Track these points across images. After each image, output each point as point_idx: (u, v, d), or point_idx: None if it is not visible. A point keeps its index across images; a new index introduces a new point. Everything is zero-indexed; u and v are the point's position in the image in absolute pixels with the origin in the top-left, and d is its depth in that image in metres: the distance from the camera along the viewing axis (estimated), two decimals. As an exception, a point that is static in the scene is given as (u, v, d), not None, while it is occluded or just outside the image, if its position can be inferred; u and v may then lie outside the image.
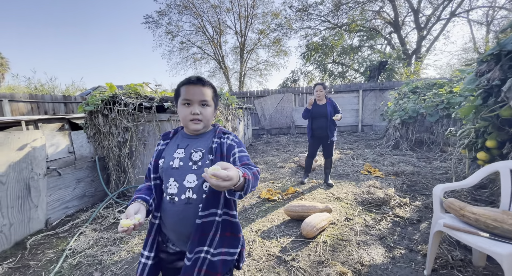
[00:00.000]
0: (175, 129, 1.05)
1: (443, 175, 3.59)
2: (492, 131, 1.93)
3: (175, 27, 17.21)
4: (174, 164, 0.92)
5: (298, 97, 9.58)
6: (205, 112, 0.93)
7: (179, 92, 0.94)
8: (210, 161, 0.92)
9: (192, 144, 0.96)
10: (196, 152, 0.93)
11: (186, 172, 0.90)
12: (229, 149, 0.95)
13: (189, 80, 0.92)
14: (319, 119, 3.19)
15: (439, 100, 5.30)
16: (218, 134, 0.99)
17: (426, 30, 14.60)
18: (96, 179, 3.10)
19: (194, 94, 0.91)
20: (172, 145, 0.98)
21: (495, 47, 1.67)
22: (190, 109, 0.91)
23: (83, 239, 2.20)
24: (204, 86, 0.93)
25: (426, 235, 2.03)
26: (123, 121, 2.97)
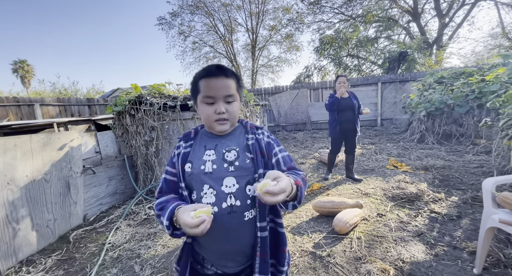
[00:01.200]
0: (195, 129, 0.91)
1: (479, 168, 3.39)
2: (543, 119, 1.78)
3: (188, 28, 17.47)
4: (206, 168, 0.78)
5: (313, 92, 9.41)
6: (232, 109, 0.80)
7: (197, 87, 0.78)
8: (251, 159, 0.82)
9: (221, 143, 0.84)
10: (229, 151, 0.82)
11: (223, 175, 0.78)
12: (269, 147, 0.86)
13: (209, 72, 0.76)
14: (345, 112, 3.10)
15: (469, 90, 5.00)
16: (250, 130, 0.88)
17: (448, 17, 13.80)
18: (125, 176, 3.21)
19: (218, 89, 0.76)
20: (198, 147, 0.84)
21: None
22: (214, 108, 0.77)
23: (120, 233, 2.29)
24: (227, 78, 0.77)
25: (470, 231, 1.91)
26: (149, 121, 3.04)
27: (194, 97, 0.82)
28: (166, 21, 16.88)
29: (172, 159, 0.85)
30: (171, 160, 0.85)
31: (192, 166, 0.80)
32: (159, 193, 0.84)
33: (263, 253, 0.77)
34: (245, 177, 0.80)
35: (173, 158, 0.85)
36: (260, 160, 0.82)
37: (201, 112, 0.81)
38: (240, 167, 0.80)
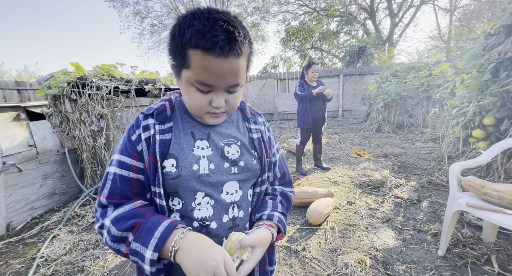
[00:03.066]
0: (170, 101, 0.61)
1: (429, 155, 3.72)
2: (492, 108, 1.93)
3: (145, 8, 15.74)
4: (200, 169, 0.56)
5: (280, 83, 9.41)
6: (234, 101, 0.56)
7: (186, 59, 0.48)
8: (258, 160, 0.63)
9: (215, 131, 0.61)
10: (230, 146, 0.61)
11: (224, 178, 0.58)
12: (269, 144, 0.69)
13: (214, 44, 0.45)
14: (316, 101, 3.05)
15: (419, 83, 5.47)
16: (252, 117, 0.68)
17: (398, 17, 15.02)
18: (67, 174, 2.69)
19: (222, 77, 0.49)
20: (183, 134, 0.58)
21: (507, 17, 1.61)
22: (208, 98, 0.53)
23: (57, 243, 1.88)
24: (240, 57, 0.48)
25: (430, 214, 2.03)
26: (97, 107, 2.56)
27: (178, 67, 0.52)
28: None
29: (132, 144, 0.54)
30: (128, 146, 0.55)
31: (177, 163, 0.54)
32: (108, 199, 0.53)
33: (262, 265, 0.65)
34: (250, 181, 0.64)
35: (134, 142, 0.54)
36: (267, 161, 0.66)
37: (186, 96, 0.54)
38: (245, 169, 0.61)
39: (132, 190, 0.54)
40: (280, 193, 0.71)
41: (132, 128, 0.57)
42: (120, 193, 0.53)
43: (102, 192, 0.53)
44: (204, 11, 0.47)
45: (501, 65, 1.69)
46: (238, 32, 0.47)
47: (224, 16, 0.47)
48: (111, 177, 0.54)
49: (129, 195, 0.54)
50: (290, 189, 0.75)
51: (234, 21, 0.48)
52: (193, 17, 0.46)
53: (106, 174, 0.55)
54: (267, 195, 0.70)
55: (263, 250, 0.53)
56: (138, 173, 0.55)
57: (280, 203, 0.69)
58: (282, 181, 0.75)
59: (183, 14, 0.49)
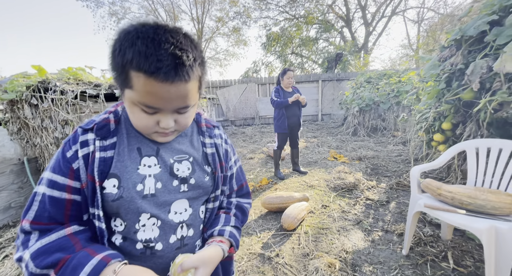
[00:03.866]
0: (115, 113, 0.55)
1: (398, 157, 3.93)
2: (448, 114, 2.09)
3: (121, 8, 15.25)
4: (146, 189, 0.53)
5: (261, 87, 9.50)
6: (184, 120, 0.53)
7: (128, 80, 0.45)
8: (211, 176, 0.61)
9: (165, 147, 0.57)
10: (180, 162, 0.57)
11: (171, 198, 0.55)
12: (226, 156, 0.68)
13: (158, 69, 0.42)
14: (292, 107, 3.11)
15: (390, 89, 5.80)
16: (207, 130, 0.66)
17: (372, 26, 15.91)
18: (26, 185, 2.49)
19: (169, 101, 0.47)
20: (128, 150, 0.54)
21: (457, 32, 1.76)
22: (155, 119, 0.50)
23: (10, 264, 1.71)
24: (188, 82, 0.46)
25: (397, 214, 2.14)
26: (61, 113, 2.40)
27: (121, 87, 0.48)
28: (92, -4, 14.29)
29: (66, 161, 0.49)
30: (62, 163, 0.49)
31: (120, 183, 0.50)
32: (34, 224, 0.46)
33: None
34: (201, 198, 0.62)
35: (68, 159, 0.49)
36: (220, 176, 0.64)
37: (131, 115, 0.50)
38: (196, 186, 0.59)
39: (64, 212, 0.49)
40: (235, 206, 0.70)
41: (68, 143, 0.52)
42: (49, 216, 0.48)
43: (26, 215, 0.48)
44: (150, 30, 0.43)
45: (453, 76, 1.84)
46: (187, 56, 0.44)
47: (171, 36, 0.43)
48: (39, 198, 0.48)
49: (60, 219, 0.49)
50: (247, 200, 0.75)
51: (183, 42, 0.45)
52: (137, 35, 0.42)
53: (33, 194, 0.49)
54: (221, 209, 0.69)
55: (209, 269, 0.52)
56: (73, 193, 0.50)
57: (234, 216, 0.68)
58: (239, 193, 0.75)
59: (126, 29, 0.44)
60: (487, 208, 1.25)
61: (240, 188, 0.74)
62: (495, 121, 1.69)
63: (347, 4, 15.19)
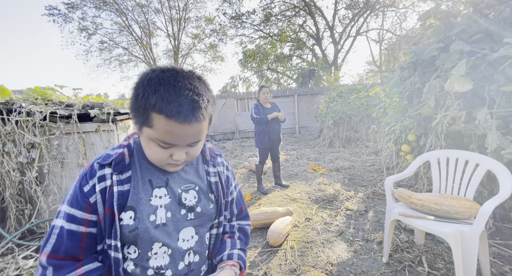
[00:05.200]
0: (128, 147, 0.59)
1: (372, 166, 4.18)
2: (412, 127, 2.32)
3: (92, 24, 14.84)
4: (158, 219, 0.56)
5: (240, 102, 9.66)
6: (194, 152, 0.58)
7: (148, 119, 0.49)
8: (215, 203, 0.65)
9: (173, 177, 0.61)
10: (187, 192, 0.61)
11: (180, 226, 0.59)
12: (227, 182, 0.71)
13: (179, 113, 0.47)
14: (272, 123, 3.20)
15: (360, 103, 6.24)
16: (211, 159, 0.69)
17: (340, 44, 17.25)
18: (-18, 218, 2.21)
19: (184, 138, 0.52)
20: (141, 183, 0.57)
21: (413, 56, 2.01)
22: (169, 153, 0.54)
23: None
24: (202, 122, 0.52)
25: (375, 223, 2.25)
26: (27, 136, 2.23)
27: (138, 122, 0.52)
28: (59, 12, 13.79)
29: (84, 195, 0.52)
30: (80, 197, 0.52)
31: (135, 215, 0.54)
32: (50, 258, 0.49)
33: None
34: (206, 225, 0.66)
35: (86, 194, 0.52)
36: (223, 203, 0.68)
37: (147, 149, 0.55)
38: (202, 214, 0.63)
39: (80, 245, 0.51)
40: (237, 229, 0.74)
41: (85, 178, 0.54)
42: (65, 250, 0.50)
43: (45, 249, 0.49)
44: (170, 77, 0.48)
45: (413, 93, 2.07)
46: (202, 100, 0.50)
47: (189, 83, 0.50)
48: (57, 231, 0.50)
49: (76, 253, 0.51)
50: (247, 222, 0.79)
51: (199, 87, 0.51)
52: (159, 82, 0.47)
53: (52, 227, 0.51)
54: (225, 233, 0.72)
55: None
56: (90, 226, 0.52)
57: (239, 239, 0.72)
58: (239, 216, 0.78)
59: (148, 75, 0.49)
60: (451, 213, 1.39)
61: (240, 211, 0.78)
62: (450, 133, 1.91)
63: (316, 24, 16.39)
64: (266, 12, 16.15)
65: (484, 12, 1.76)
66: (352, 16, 16.11)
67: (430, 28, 2.45)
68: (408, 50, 2.33)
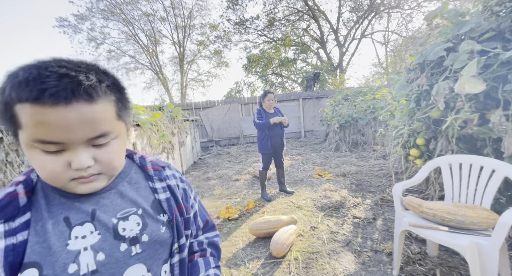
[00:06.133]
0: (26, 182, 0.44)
1: (380, 171, 4.05)
2: (421, 130, 2.21)
3: (100, 34, 15.30)
4: (82, 267, 0.41)
5: (244, 107, 9.65)
6: (107, 156, 0.43)
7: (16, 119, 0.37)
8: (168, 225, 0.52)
9: (103, 205, 0.47)
10: (126, 219, 0.47)
11: (121, 267, 0.45)
12: (185, 196, 0.61)
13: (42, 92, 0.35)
14: (275, 128, 3.15)
15: (366, 106, 6.12)
16: (154, 173, 0.57)
17: (344, 47, 17.16)
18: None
19: (70, 131, 0.37)
20: (50, 225, 0.42)
21: (419, 57, 1.93)
22: (64, 160, 0.40)
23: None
24: (93, 103, 0.38)
25: (384, 232, 2.14)
26: None
27: (11, 129, 0.39)
28: (69, 24, 14.28)
29: None
30: None
31: (41, 273, 0.38)
32: None
33: None
34: (161, 255, 0.52)
35: None
36: (181, 222, 0.56)
37: (34, 164, 0.40)
38: (151, 242, 0.49)
39: None
40: (207, 244, 0.66)
41: None
42: None
43: None
44: (38, 61, 0.37)
45: (421, 96, 1.99)
46: (86, 76, 0.37)
47: (66, 63, 0.38)
48: None
49: None
50: (215, 233, 0.71)
51: (81, 67, 0.38)
52: (21, 68, 0.36)
53: None
54: (195, 252, 0.64)
55: None
56: None
57: (211, 255, 0.65)
58: (206, 229, 0.70)
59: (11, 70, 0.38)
60: (466, 223, 1.29)
61: (206, 223, 0.70)
62: (462, 137, 1.81)
63: (321, 27, 16.37)
64: (270, 17, 16.27)
65: (495, 10, 1.67)
66: (356, 19, 16.03)
67: (437, 28, 2.37)
68: (414, 51, 2.25)
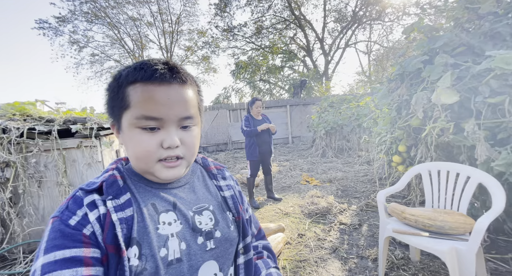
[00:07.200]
0: (118, 169, 0.49)
1: (365, 177, 4.15)
2: (402, 138, 2.31)
3: (83, 37, 14.84)
4: (170, 253, 0.43)
5: (233, 113, 9.64)
6: (190, 139, 0.48)
7: (124, 98, 0.43)
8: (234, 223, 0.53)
9: (181, 198, 0.50)
10: (201, 213, 0.50)
11: (198, 260, 0.46)
12: (240, 198, 0.61)
13: (153, 72, 0.43)
14: (263, 135, 3.15)
15: (350, 113, 6.31)
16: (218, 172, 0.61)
17: (330, 56, 17.73)
18: None
19: (170, 106, 0.44)
20: (143, 207, 0.45)
21: (399, 68, 2.03)
22: (158, 138, 0.44)
23: None
24: (185, 85, 0.46)
25: (369, 238, 2.18)
26: (1, 154, 2.11)
27: (116, 115, 0.46)
28: (50, 26, 13.75)
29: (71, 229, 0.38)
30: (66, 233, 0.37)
31: (140, 251, 0.40)
32: None
33: None
34: (230, 255, 0.51)
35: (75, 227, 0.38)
36: (245, 220, 0.56)
37: (131, 144, 0.44)
38: (223, 240, 0.50)
39: None
40: (262, 248, 0.64)
41: (66, 211, 0.40)
42: None
43: None
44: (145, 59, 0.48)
45: (401, 105, 2.08)
46: (181, 67, 0.48)
47: (163, 59, 0.48)
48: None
49: None
50: (267, 241, 0.69)
51: (176, 63, 0.48)
52: (131, 64, 0.47)
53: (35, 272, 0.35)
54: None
55: None
56: (95, 265, 0.37)
57: (268, 257, 0.63)
58: (258, 237, 0.68)
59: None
60: (445, 228, 1.34)
61: (259, 231, 0.68)
62: (440, 144, 1.90)
63: (307, 36, 16.86)
64: (258, 25, 16.55)
65: (465, 26, 1.80)
66: (340, 29, 16.68)
67: (414, 41, 2.51)
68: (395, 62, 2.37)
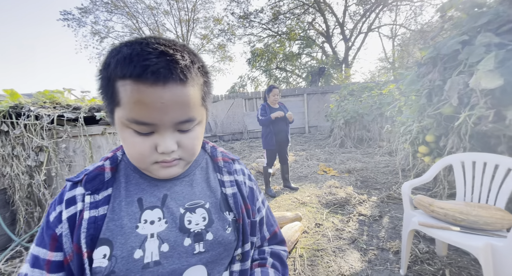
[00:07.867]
0: (112, 159, 0.47)
1: (386, 168, 3.99)
2: (431, 127, 2.15)
3: (104, 28, 15.23)
4: (147, 255, 0.40)
5: (248, 102, 9.59)
6: (190, 142, 0.43)
7: (116, 95, 0.38)
8: (233, 228, 0.48)
9: (174, 192, 0.46)
10: (193, 211, 0.45)
11: (182, 265, 0.41)
12: (252, 197, 0.55)
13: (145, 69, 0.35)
14: (279, 123, 3.10)
15: (372, 101, 6.01)
16: (224, 165, 0.53)
17: (351, 41, 16.82)
18: (-7, 220, 2.25)
19: (163, 111, 0.37)
20: (124, 204, 0.43)
21: (432, 50, 1.85)
22: (152, 143, 0.40)
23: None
24: (185, 85, 0.38)
25: (390, 230, 2.11)
26: (35, 139, 2.25)
27: (108, 108, 0.41)
28: (73, 17, 14.22)
29: (48, 227, 0.40)
30: (45, 231, 0.41)
31: (111, 252, 0.38)
32: None
33: None
34: (223, 261, 0.46)
35: (51, 225, 0.40)
36: (247, 224, 0.50)
37: (124, 143, 0.42)
38: (215, 243, 0.44)
39: None
40: (270, 254, 0.56)
41: (54, 203, 0.42)
42: None
43: None
44: (138, 38, 0.38)
45: (433, 91, 1.91)
46: (182, 56, 0.37)
47: (163, 40, 0.38)
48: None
49: None
50: (283, 247, 0.60)
51: (177, 45, 0.38)
52: (123, 44, 0.37)
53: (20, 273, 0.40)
54: (253, 261, 0.55)
55: None
56: (53, 271, 0.38)
57: (273, 266, 0.54)
58: (273, 242, 0.60)
59: (114, 45, 0.39)
60: (479, 223, 1.25)
61: (274, 235, 0.59)
62: (475, 134, 1.74)
63: (326, 21, 16.05)
64: (275, 11, 15.98)
65: (515, 0, 1.58)
66: (363, 12, 15.65)
67: (450, 20, 2.27)
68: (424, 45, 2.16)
